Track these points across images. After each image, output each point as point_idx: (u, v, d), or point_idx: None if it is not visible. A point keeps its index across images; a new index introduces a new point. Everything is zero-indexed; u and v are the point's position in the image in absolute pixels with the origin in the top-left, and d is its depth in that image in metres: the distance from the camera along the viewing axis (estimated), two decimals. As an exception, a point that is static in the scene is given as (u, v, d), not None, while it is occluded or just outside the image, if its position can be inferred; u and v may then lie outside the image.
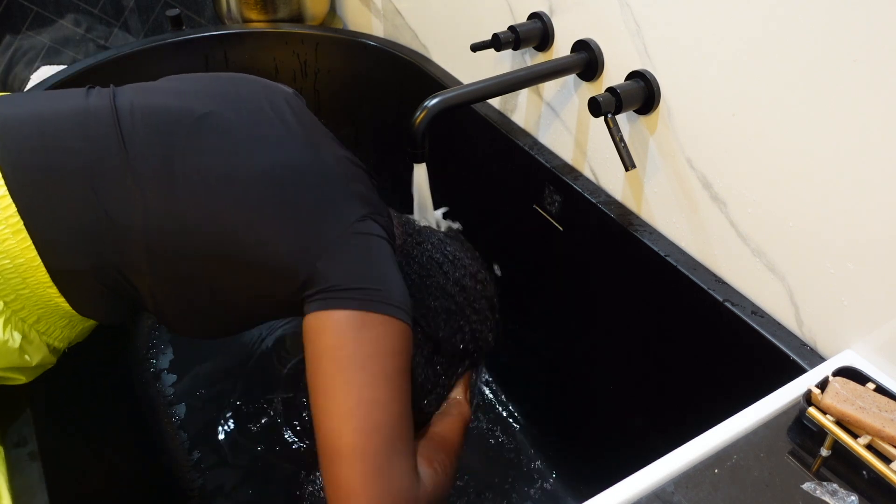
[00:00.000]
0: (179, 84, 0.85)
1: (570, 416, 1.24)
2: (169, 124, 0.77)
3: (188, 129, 0.76)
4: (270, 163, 0.76)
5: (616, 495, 0.62)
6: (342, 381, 0.67)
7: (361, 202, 0.78)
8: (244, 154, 0.76)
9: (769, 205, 0.79)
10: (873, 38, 0.64)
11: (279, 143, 0.79)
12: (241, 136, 0.78)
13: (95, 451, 1.01)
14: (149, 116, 0.77)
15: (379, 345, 0.69)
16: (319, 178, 0.78)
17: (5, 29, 1.68)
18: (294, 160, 0.77)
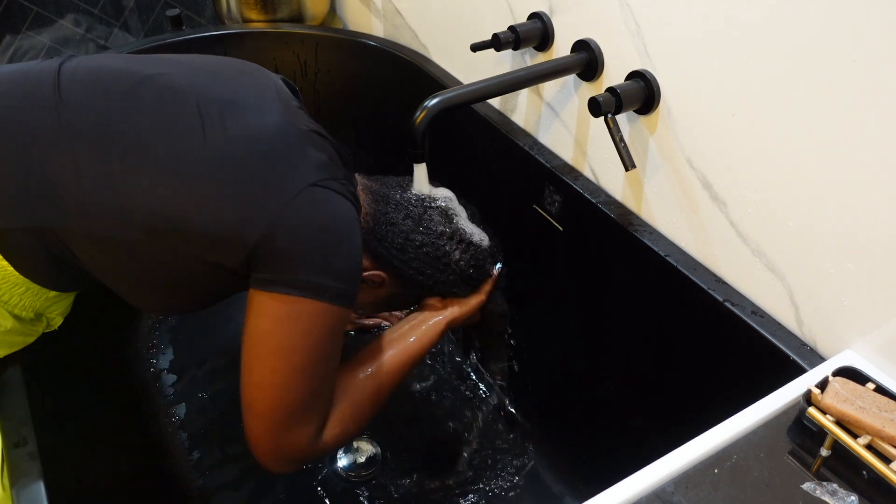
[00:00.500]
0: (141, 56, 0.83)
1: (570, 415, 1.24)
2: (109, 82, 0.75)
3: (129, 87, 0.74)
4: (215, 127, 0.74)
5: (616, 495, 0.62)
6: (266, 363, 0.75)
7: (316, 168, 0.75)
8: (187, 116, 0.74)
9: (769, 205, 0.79)
10: (873, 38, 0.64)
11: (228, 108, 0.76)
12: (188, 100, 0.75)
13: (95, 451, 1.01)
14: (89, 74, 0.75)
15: (308, 337, 0.74)
16: (269, 144, 0.75)
17: (5, 29, 1.68)
18: (241, 127, 0.75)
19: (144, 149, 0.72)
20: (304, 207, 0.72)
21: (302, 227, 0.72)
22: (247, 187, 0.72)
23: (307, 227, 0.72)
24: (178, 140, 0.73)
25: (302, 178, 0.73)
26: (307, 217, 0.72)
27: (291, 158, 0.75)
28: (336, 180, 0.76)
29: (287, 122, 0.78)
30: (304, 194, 0.72)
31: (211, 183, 0.72)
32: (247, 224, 0.71)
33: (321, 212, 0.74)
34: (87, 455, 0.95)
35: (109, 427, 1.12)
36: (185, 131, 0.73)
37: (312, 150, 0.77)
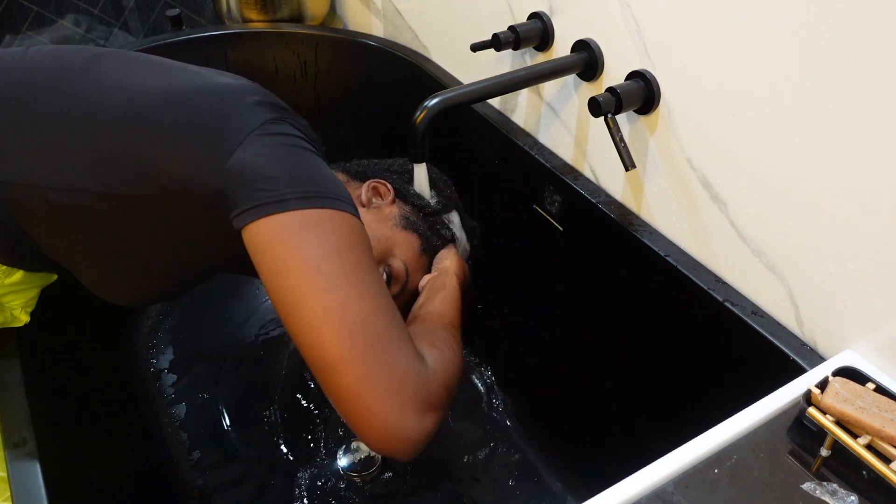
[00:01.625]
0: None
1: (569, 415, 1.24)
2: (61, 58, 0.74)
3: (82, 62, 0.73)
4: (166, 84, 0.71)
5: (616, 495, 0.62)
6: (303, 292, 0.61)
7: (271, 108, 0.70)
8: (139, 79, 0.71)
9: (769, 205, 0.79)
10: (873, 38, 0.64)
11: (172, 72, 0.75)
12: (136, 68, 0.73)
13: (95, 452, 1.01)
14: (41, 52, 0.75)
15: (327, 242, 0.62)
16: (218, 93, 0.71)
17: (5, 29, 1.68)
18: (188, 82, 0.72)
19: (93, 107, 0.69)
20: (268, 136, 0.66)
21: (272, 148, 0.65)
22: (208, 131, 0.67)
23: (276, 148, 0.66)
24: (130, 93, 0.70)
25: (264, 115, 0.69)
26: (273, 142, 0.66)
27: (241, 101, 0.70)
28: (297, 122, 0.72)
29: (225, 78, 0.76)
30: (268, 125, 0.67)
31: (164, 133, 0.67)
32: (211, 161, 0.65)
33: (286, 138, 0.68)
34: (87, 455, 0.95)
35: (109, 427, 1.12)
36: (137, 88, 0.70)
37: (259, 95, 0.73)
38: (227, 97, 0.70)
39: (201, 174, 0.65)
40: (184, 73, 0.75)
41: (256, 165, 0.64)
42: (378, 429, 0.59)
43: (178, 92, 0.70)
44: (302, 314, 0.60)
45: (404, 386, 0.60)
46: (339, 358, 0.59)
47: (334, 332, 0.59)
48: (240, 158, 0.64)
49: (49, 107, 0.70)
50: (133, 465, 1.14)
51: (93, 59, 0.74)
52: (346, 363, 0.59)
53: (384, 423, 0.58)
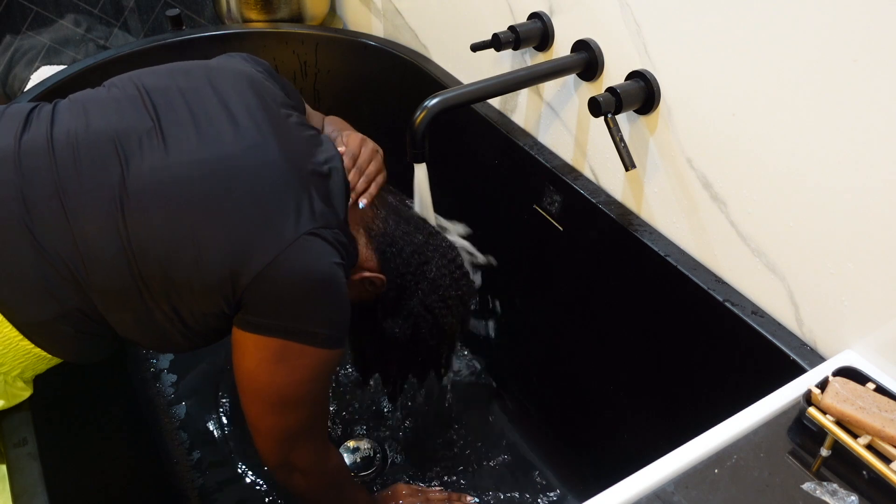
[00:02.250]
0: (122, 91, 0.81)
1: (570, 415, 1.24)
2: (105, 155, 0.73)
3: (125, 152, 0.73)
4: (205, 170, 0.73)
5: (616, 495, 0.62)
6: (258, 399, 0.80)
7: (310, 216, 0.75)
8: (181, 169, 0.73)
9: (769, 205, 0.79)
10: (873, 38, 0.64)
11: (217, 143, 0.75)
12: (182, 148, 0.74)
13: (95, 451, 1.01)
14: (84, 147, 0.73)
15: (293, 376, 0.77)
16: (268, 184, 0.75)
17: (5, 29, 1.68)
18: (234, 167, 0.74)
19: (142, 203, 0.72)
20: (297, 255, 0.73)
21: (293, 276, 0.73)
22: (245, 230, 0.73)
23: (297, 275, 0.73)
24: (170, 187, 0.72)
25: (297, 226, 0.74)
26: (299, 266, 0.73)
27: (289, 203, 0.75)
28: (329, 229, 0.76)
29: (285, 160, 0.77)
30: (299, 243, 0.73)
31: (202, 233, 0.72)
32: (243, 264, 0.72)
33: (313, 262, 0.74)
34: (87, 455, 0.95)
35: (109, 427, 1.12)
36: (176, 184, 0.73)
37: (309, 194, 0.77)
38: (270, 201, 0.74)
39: (234, 279, 0.73)
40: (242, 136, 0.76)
41: (274, 290, 0.73)
42: (271, 469, 0.87)
43: (215, 186, 0.73)
44: (252, 412, 0.81)
45: (296, 464, 0.85)
46: (263, 431, 0.83)
47: (266, 421, 0.81)
48: (265, 275, 0.72)
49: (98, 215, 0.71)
50: (133, 465, 1.14)
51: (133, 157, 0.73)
52: (269, 436, 0.83)
53: (275, 472, 0.88)
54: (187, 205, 0.72)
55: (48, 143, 0.73)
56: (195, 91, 0.80)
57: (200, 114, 0.77)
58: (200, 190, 0.72)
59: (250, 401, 0.81)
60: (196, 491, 1.16)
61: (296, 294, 0.74)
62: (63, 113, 0.77)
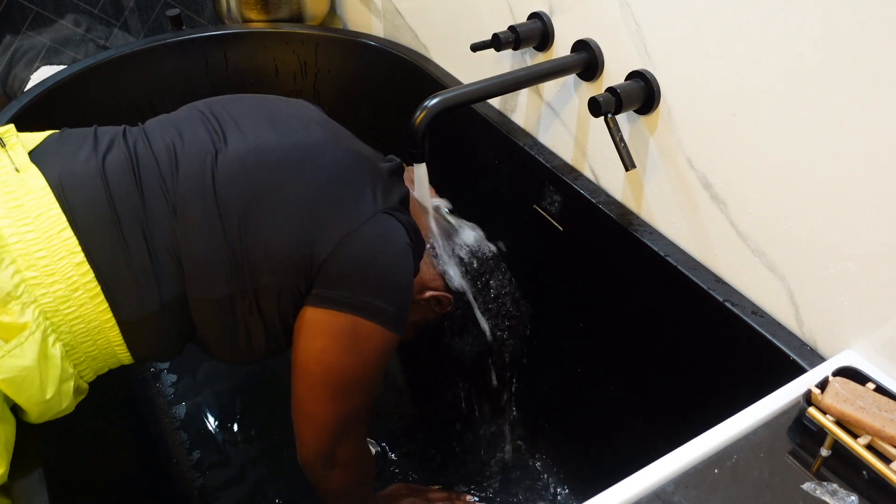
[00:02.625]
0: (202, 109, 0.86)
1: (569, 415, 1.24)
2: (200, 157, 0.78)
3: (216, 148, 0.78)
4: (287, 153, 0.79)
5: (616, 495, 0.62)
6: (319, 391, 0.80)
7: (385, 196, 0.81)
8: (261, 151, 0.78)
9: (769, 205, 0.79)
10: (873, 38, 0.64)
11: (295, 137, 0.82)
12: (261, 136, 0.80)
13: (96, 452, 1.01)
14: (182, 155, 0.78)
15: (360, 357, 0.79)
16: (346, 170, 0.80)
17: (5, 29, 1.68)
18: (312, 152, 0.80)
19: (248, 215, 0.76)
20: (372, 231, 0.77)
21: (367, 250, 0.77)
22: (324, 201, 0.77)
23: (372, 250, 0.77)
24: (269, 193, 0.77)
25: (373, 204, 0.79)
26: (373, 242, 0.77)
27: (366, 184, 0.80)
28: (403, 213, 0.82)
29: (359, 154, 0.84)
30: (375, 220, 0.78)
31: (290, 194, 0.77)
32: (320, 234, 0.75)
33: (386, 239, 0.79)
34: (87, 455, 0.95)
35: (109, 427, 1.12)
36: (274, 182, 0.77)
37: (385, 183, 0.83)
38: (347, 182, 0.80)
39: (311, 256, 0.76)
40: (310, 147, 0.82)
41: (348, 263, 0.76)
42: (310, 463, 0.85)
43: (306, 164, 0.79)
44: (310, 385, 0.80)
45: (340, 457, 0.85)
46: (318, 421, 0.82)
47: (326, 407, 0.81)
48: (341, 250, 0.75)
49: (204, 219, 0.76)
50: (133, 466, 1.14)
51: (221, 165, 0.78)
52: (323, 427, 0.83)
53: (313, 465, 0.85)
54: (269, 175, 0.76)
55: (150, 151, 0.78)
56: (267, 103, 0.88)
57: (275, 118, 0.84)
58: (282, 165, 0.77)
59: (312, 385, 0.80)
60: (196, 491, 1.16)
61: (371, 267, 0.77)
62: (155, 130, 0.82)
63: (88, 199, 0.72)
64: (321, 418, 0.82)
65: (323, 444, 0.83)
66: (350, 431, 0.84)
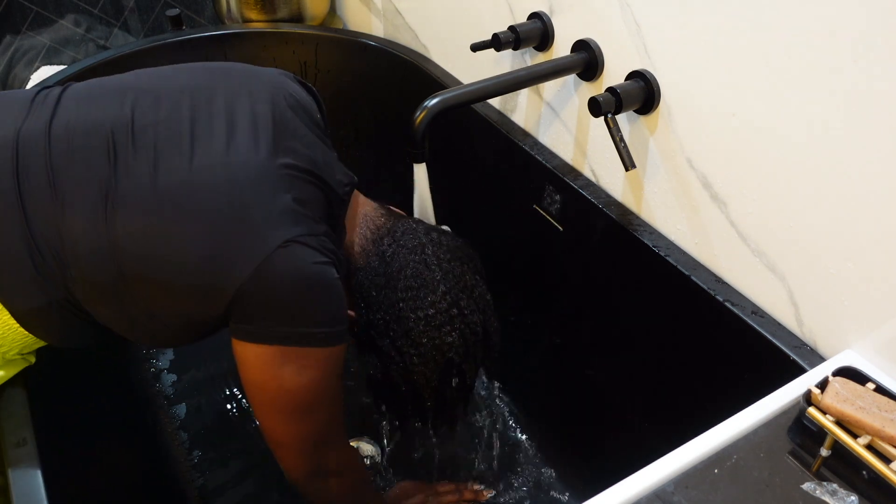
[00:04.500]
0: (134, 80, 0.82)
1: (569, 415, 1.24)
2: (96, 147, 0.73)
3: (117, 147, 0.73)
4: (192, 175, 0.72)
5: (616, 495, 0.62)
6: (274, 417, 0.79)
7: (293, 223, 0.73)
8: (171, 171, 0.72)
9: (769, 205, 0.79)
10: (873, 38, 0.64)
11: (209, 156, 0.74)
12: (177, 148, 0.73)
13: (95, 452, 1.01)
14: (78, 137, 0.73)
15: (301, 380, 0.75)
16: (250, 190, 0.73)
17: (5, 29, 1.68)
18: (223, 174, 0.73)
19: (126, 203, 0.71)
20: (282, 263, 0.71)
21: (280, 283, 0.71)
22: (225, 240, 0.71)
23: (282, 279, 0.71)
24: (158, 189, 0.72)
25: (280, 234, 0.71)
26: (285, 273, 0.71)
27: (272, 210, 0.72)
28: (314, 236, 0.74)
29: (270, 163, 0.75)
30: (283, 251, 0.71)
31: (188, 231, 0.71)
32: (224, 276, 0.70)
33: (297, 265, 0.72)
34: (87, 455, 0.95)
35: (109, 427, 1.12)
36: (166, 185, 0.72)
37: (293, 199, 0.74)
38: (251, 208, 0.72)
39: (214, 292, 0.72)
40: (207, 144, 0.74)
41: (262, 299, 0.72)
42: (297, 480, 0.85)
43: (199, 192, 0.72)
44: (262, 415, 0.80)
45: (325, 467, 0.84)
46: (286, 442, 0.81)
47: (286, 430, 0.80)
48: (252, 285, 0.70)
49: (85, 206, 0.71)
50: (133, 465, 1.14)
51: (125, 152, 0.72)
52: (292, 447, 0.82)
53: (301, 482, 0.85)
54: (171, 211, 0.71)
55: (46, 131, 0.73)
56: (206, 91, 0.79)
57: (201, 118, 0.76)
58: (187, 198, 0.71)
59: (266, 414, 0.79)
60: (196, 491, 1.16)
61: (284, 298, 0.72)
62: (68, 101, 0.77)
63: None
64: (291, 441, 0.81)
65: (304, 462, 0.83)
66: (328, 441, 0.83)
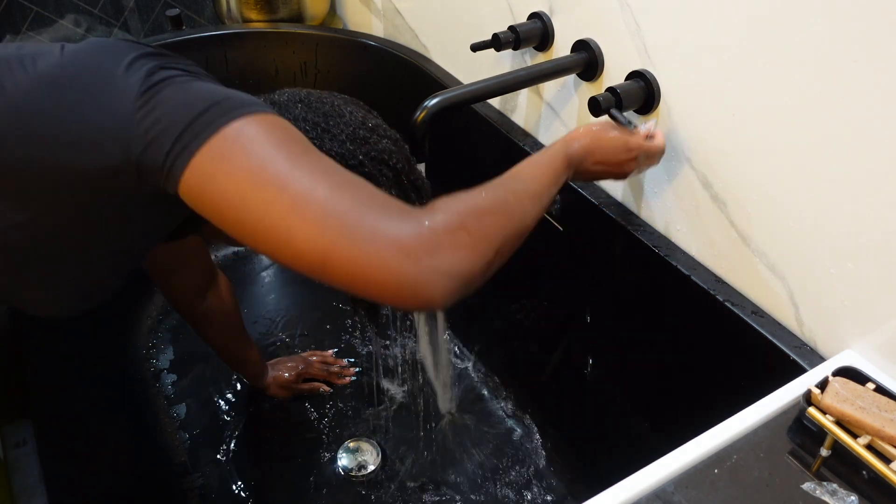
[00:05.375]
0: None
1: (570, 415, 1.24)
2: None
3: None
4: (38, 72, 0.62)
5: (616, 495, 0.62)
6: (254, 215, 0.56)
7: (148, 58, 0.62)
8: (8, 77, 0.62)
9: (769, 205, 0.79)
10: (873, 38, 0.64)
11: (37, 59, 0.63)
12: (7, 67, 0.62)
13: (95, 452, 1.01)
14: None
15: (252, 152, 0.57)
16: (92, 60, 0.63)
17: (5, 29, 1.68)
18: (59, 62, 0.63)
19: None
20: (152, 88, 0.60)
21: (167, 99, 0.59)
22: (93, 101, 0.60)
23: (161, 99, 0.59)
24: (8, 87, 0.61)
25: (141, 72, 0.61)
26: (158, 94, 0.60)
27: (122, 58, 0.62)
28: (176, 62, 0.64)
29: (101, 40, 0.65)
30: (147, 81, 0.60)
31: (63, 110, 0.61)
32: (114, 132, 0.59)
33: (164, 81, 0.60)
34: (87, 455, 0.95)
35: (109, 427, 1.12)
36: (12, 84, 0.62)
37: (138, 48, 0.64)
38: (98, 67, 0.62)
39: (111, 158, 0.59)
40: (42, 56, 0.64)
41: (157, 121, 0.58)
42: (399, 293, 0.55)
43: (51, 79, 0.62)
44: (266, 236, 0.57)
45: (397, 240, 0.55)
46: (321, 256, 0.55)
47: (302, 235, 0.55)
48: (139, 127, 0.58)
49: None
50: (133, 465, 1.14)
51: None
52: (330, 256, 0.55)
53: (397, 284, 0.54)
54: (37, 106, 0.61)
55: None
56: None
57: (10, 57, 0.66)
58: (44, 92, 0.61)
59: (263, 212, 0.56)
60: (196, 491, 1.16)
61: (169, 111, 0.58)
62: None
63: None
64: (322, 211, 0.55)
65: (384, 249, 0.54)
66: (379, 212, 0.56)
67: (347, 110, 0.75)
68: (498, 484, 1.19)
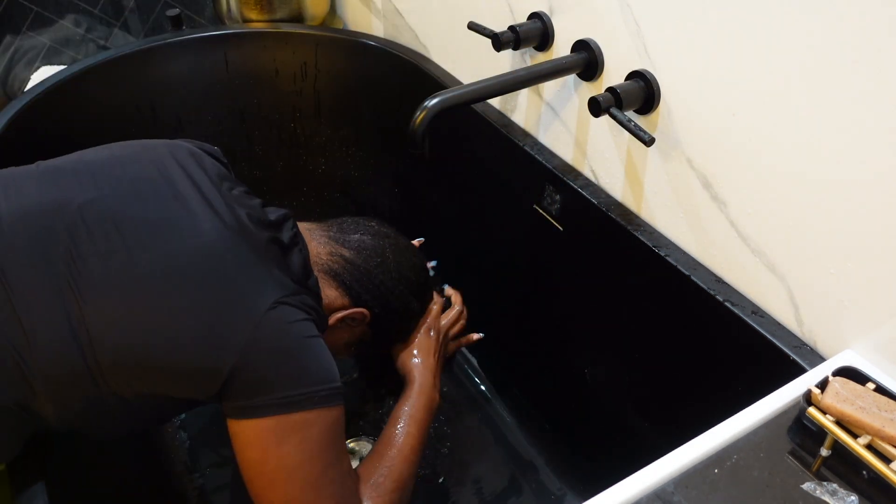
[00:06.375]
0: (56, 166, 0.78)
1: (569, 415, 1.24)
2: (45, 229, 0.70)
3: (67, 229, 0.70)
4: (164, 255, 0.70)
5: (616, 495, 0.62)
6: (274, 492, 0.73)
7: (272, 285, 0.73)
8: (134, 249, 0.70)
9: (769, 205, 0.79)
10: (873, 38, 0.64)
11: (172, 227, 0.73)
12: (129, 226, 0.71)
13: (95, 451, 1.01)
14: (21, 222, 0.70)
15: (304, 451, 0.72)
16: (221, 266, 0.72)
17: (5, 29, 1.68)
18: (190, 248, 0.72)
19: (96, 291, 0.68)
20: (272, 328, 0.71)
21: (273, 349, 0.71)
22: (209, 313, 0.69)
23: (277, 348, 0.71)
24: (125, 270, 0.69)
25: (264, 299, 0.71)
26: (276, 338, 0.71)
27: (250, 278, 0.73)
28: (293, 295, 0.75)
29: (240, 237, 0.75)
30: (268, 316, 0.71)
31: (170, 317, 0.69)
32: (216, 354, 0.69)
33: (288, 331, 0.72)
34: (87, 455, 0.95)
35: (109, 427, 1.12)
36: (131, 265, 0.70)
37: (267, 264, 0.75)
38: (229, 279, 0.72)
39: (210, 371, 0.69)
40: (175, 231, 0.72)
41: (258, 369, 0.70)
42: None
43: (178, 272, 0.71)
44: (264, 500, 0.73)
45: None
46: None
47: None
48: (245, 358, 0.69)
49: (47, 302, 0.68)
50: (133, 465, 1.13)
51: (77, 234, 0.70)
52: None
53: None
54: (149, 299, 0.69)
55: None
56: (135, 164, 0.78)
57: (149, 197, 0.75)
58: (163, 284, 0.70)
59: (267, 496, 0.73)
60: (196, 491, 1.16)
61: (276, 365, 0.71)
62: None
63: None
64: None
65: None
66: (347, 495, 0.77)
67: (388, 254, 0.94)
68: (498, 484, 1.19)
